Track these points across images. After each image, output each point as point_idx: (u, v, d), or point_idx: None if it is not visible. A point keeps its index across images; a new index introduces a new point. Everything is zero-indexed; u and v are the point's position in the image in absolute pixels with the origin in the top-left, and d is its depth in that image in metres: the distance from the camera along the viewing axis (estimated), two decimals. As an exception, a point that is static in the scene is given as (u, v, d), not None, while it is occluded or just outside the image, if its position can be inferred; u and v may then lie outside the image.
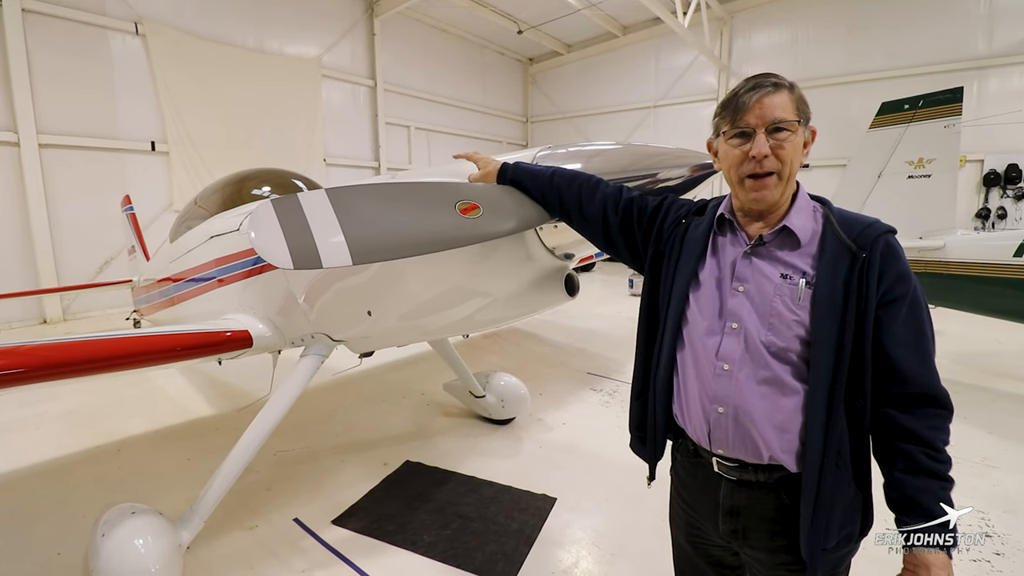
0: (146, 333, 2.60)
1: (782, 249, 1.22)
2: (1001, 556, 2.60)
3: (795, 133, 1.17)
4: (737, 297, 1.23)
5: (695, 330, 1.29)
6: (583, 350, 6.45)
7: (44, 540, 2.77)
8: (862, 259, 1.13)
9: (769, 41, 13.08)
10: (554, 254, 2.12)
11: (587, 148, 2.02)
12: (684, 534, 1.43)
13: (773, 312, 1.18)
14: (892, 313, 1.14)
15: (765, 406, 1.18)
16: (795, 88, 1.21)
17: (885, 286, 1.13)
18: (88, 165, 8.59)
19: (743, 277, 1.23)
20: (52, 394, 4.82)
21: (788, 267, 1.19)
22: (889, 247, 1.14)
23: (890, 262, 1.14)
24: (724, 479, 1.27)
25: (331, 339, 2.79)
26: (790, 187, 1.22)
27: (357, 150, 13.00)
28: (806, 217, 1.22)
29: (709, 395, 1.24)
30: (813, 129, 1.23)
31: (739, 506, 1.25)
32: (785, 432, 1.17)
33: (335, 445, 3.87)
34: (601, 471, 3.48)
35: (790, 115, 1.17)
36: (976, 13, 10.50)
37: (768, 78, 1.20)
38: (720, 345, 1.23)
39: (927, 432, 1.13)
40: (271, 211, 1.59)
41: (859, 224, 1.17)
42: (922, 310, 1.16)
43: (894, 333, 1.14)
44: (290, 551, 2.68)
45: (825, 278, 1.14)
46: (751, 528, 1.25)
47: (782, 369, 1.17)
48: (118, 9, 8.71)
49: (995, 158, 10.58)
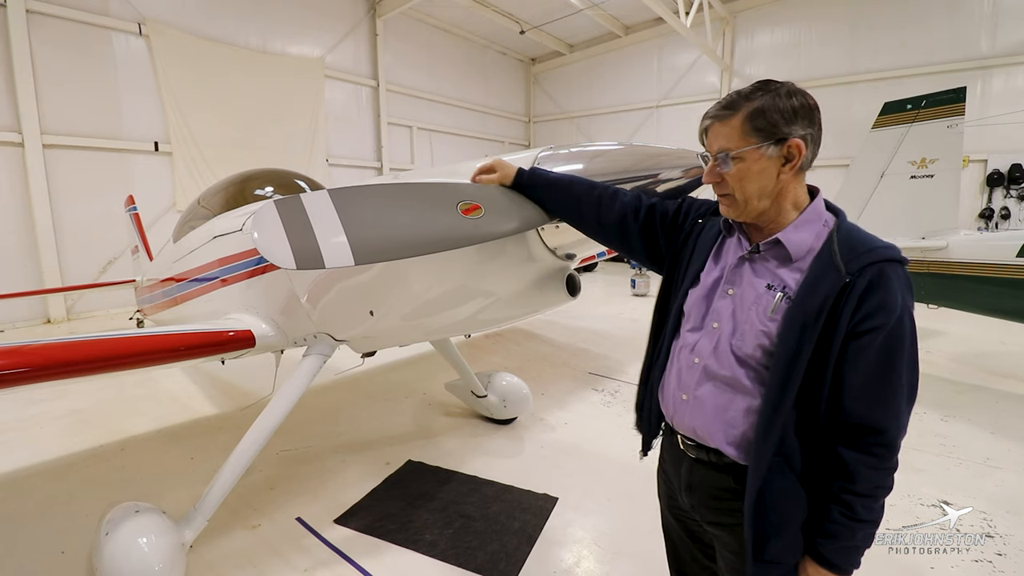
0: (149, 333, 2.60)
1: (775, 260, 1.23)
2: (1003, 556, 2.60)
3: (743, 160, 1.18)
4: (724, 299, 1.29)
5: (686, 324, 1.37)
6: (585, 350, 6.45)
7: (48, 538, 2.79)
8: (843, 283, 1.10)
9: (772, 41, 13.06)
10: (556, 254, 2.12)
11: (589, 148, 2.02)
12: (667, 506, 1.57)
13: (747, 319, 1.22)
14: (861, 344, 1.11)
15: (719, 401, 1.26)
16: (757, 105, 1.16)
17: (861, 315, 1.09)
18: (92, 165, 8.62)
19: (733, 281, 1.28)
20: (56, 393, 4.84)
21: (776, 278, 1.21)
22: (881, 276, 1.09)
23: (875, 292, 1.09)
24: (686, 455, 1.37)
25: (333, 339, 2.80)
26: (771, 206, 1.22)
27: (360, 150, 13.02)
28: (807, 232, 1.20)
29: (680, 383, 1.35)
30: (792, 143, 1.16)
31: (695, 482, 1.36)
32: (732, 427, 1.25)
33: (337, 444, 3.88)
34: (603, 471, 3.48)
35: (733, 143, 1.18)
36: (980, 13, 10.46)
37: (722, 106, 1.22)
38: (698, 341, 1.31)
39: (856, 466, 1.13)
40: (274, 212, 1.60)
41: (860, 247, 1.13)
42: (899, 347, 1.11)
43: (856, 363, 1.12)
44: (293, 550, 2.69)
45: (803, 296, 1.14)
46: (704, 504, 1.35)
47: (742, 372, 1.23)
48: (122, 10, 8.74)
49: (998, 158, 10.54)
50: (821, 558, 1.19)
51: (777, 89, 1.17)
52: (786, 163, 1.18)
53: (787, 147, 1.16)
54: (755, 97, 1.17)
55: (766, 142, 1.16)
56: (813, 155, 1.20)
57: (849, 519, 1.15)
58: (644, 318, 8.26)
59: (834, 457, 1.16)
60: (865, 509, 1.14)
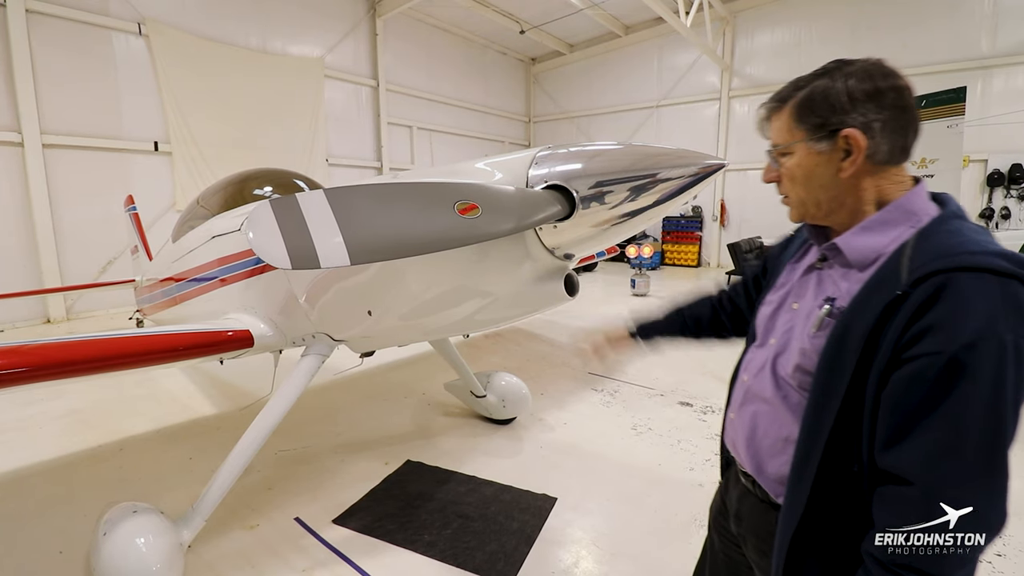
0: (148, 333, 2.60)
1: (840, 270, 1.05)
2: (1003, 557, 2.60)
3: (793, 155, 1.04)
4: (789, 313, 1.14)
5: (752, 341, 1.27)
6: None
7: (46, 538, 2.78)
8: (896, 296, 0.86)
9: (772, 41, 13.05)
10: (554, 254, 2.11)
11: (588, 148, 2.02)
12: (712, 519, 1.44)
13: (795, 336, 1.08)
14: (905, 375, 0.84)
15: (755, 426, 1.15)
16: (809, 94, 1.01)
17: (911, 335, 0.83)
18: (91, 165, 8.62)
19: (800, 293, 1.13)
20: (55, 393, 4.84)
21: (837, 290, 1.03)
22: (949, 287, 0.82)
23: (934, 307, 0.82)
24: (741, 482, 1.25)
25: (332, 339, 2.80)
26: (836, 208, 1.04)
27: (359, 150, 13.02)
28: (880, 235, 0.98)
29: (733, 401, 1.26)
30: (845, 135, 0.97)
31: (743, 513, 1.24)
32: (769, 457, 1.12)
33: (336, 444, 3.88)
34: (602, 471, 3.48)
35: (783, 136, 1.06)
36: (980, 13, 10.46)
37: (777, 94, 1.08)
38: (752, 357, 1.21)
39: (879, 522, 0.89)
40: (269, 211, 1.60)
41: (934, 253, 0.87)
42: (968, 387, 0.79)
43: (895, 395, 0.86)
44: (291, 550, 2.69)
45: (850, 310, 0.94)
46: (748, 539, 1.24)
47: (781, 396, 1.10)
48: (121, 10, 8.74)
49: (999, 158, 10.52)
50: None
51: (842, 70, 0.99)
52: (846, 158, 0.99)
53: (840, 139, 0.98)
54: (810, 83, 1.03)
55: (815, 135, 1.00)
56: (894, 145, 0.97)
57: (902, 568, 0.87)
58: (644, 318, 8.27)
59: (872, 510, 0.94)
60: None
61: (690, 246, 14.82)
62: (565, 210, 1.87)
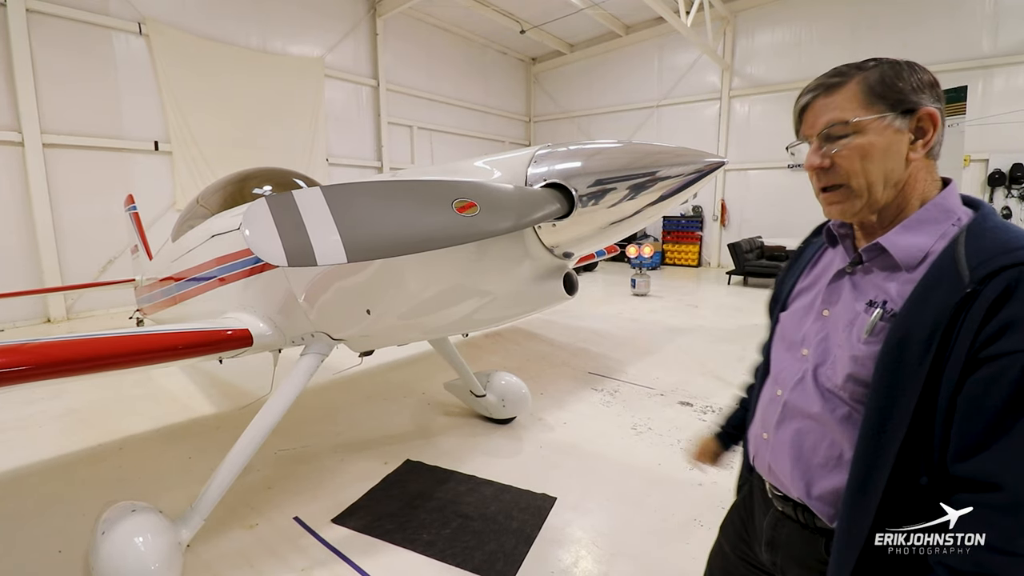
0: (148, 332, 2.60)
1: (881, 271, 0.99)
2: (1003, 557, 2.59)
3: (862, 132, 0.94)
4: (820, 321, 1.08)
5: (775, 353, 1.19)
6: (585, 350, 6.44)
7: (45, 538, 2.78)
8: (965, 294, 0.82)
9: (772, 40, 13.04)
10: (553, 253, 2.11)
11: (587, 147, 2.01)
12: (731, 545, 1.34)
13: (839, 343, 1.01)
14: (986, 376, 0.80)
15: (801, 444, 1.05)
16: (877, 71, 0.95)
17: (986, 335, 0.80)
18: (92, 165, 8.62)
19: (831, 300, 1.07)
20: (54, 392, 4.84)
21: (881, 293, 0.97)
22: (1017, 284, 0.79)
23: (1006, 305, 0.79)
24: (773, 506, 1.16)
25: (331, 338, 2.80)
26: (897, 195, 0.98)
27: (360, 150, 13.01)
28: (924, 234, 0.95)
29: (762, 419, 1.17)
30: (926, 112, 0.93)
31: (779, 540, 1.14)
32: (819, 479, 1.02)
33: (335, 444, 3.88)
34: (602, 471, 3.47)
35: (848, 113, 0.94)
36: (981, 12, 10.45)
37: (829, 75, 0.99)
38: (783, 370, 1.13)
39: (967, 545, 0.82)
40: (265, 208, 1.59)
41: (994, 249, 0.84)
42: None
43: (976, 397, 0.81)
44: (290, 549, 2.69)
45: (911, 312, 0.88)
46: (788, 568, 1.13)
47: (829, 409, 1.00)
48: (122, 9, 8.73)
49: (1000, 158, 10.51)
50: None
51: (894, 61, 0.97)
52: (916, 140, 0.95)
53: (918, 118, 0.93)
54: (870, 66, 0.96)
55: (892, 112, 0.93)
56: (940, 140, 0.96)
57: None
58: (644, 318, 8.28)
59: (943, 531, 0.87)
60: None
61: (690, 246, 14.81)
62: (564, 208, 1.86)
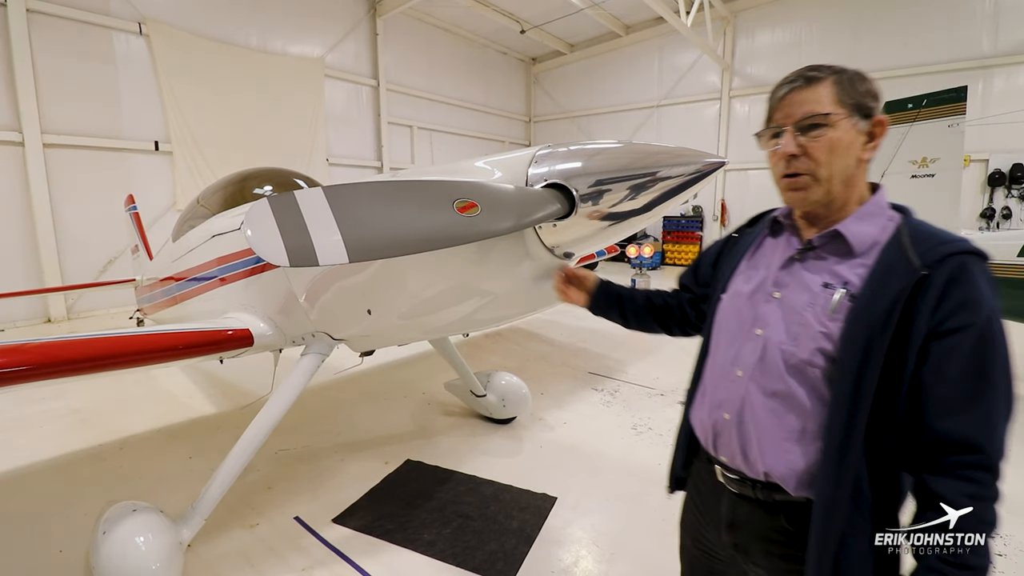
0: (148, 332, 2.60)
1: (833, 256, 1.11)
2: (1004, 557, 2.59)
3: (833, 127, 1.05)
4: (771, 303, 1.16)
5: (723, 334, 1.26)
6: (585, 350, 6.44)
7: (46, 537, 2.79)
8: (920, 277, 0.96)
9: (773, 40, 13.04)
10: (554, 253, 2.11)
11: (588, 146, 2.01)
12: (692, 538, 1.40)
13: (801, 321, 1.09)
14: (946, 346, 0.95)
15: (770, 420, 1.11)
16: (846, 76, 1.07)
17: (943, 313, 0.95)
18: (92, 165, 8.62)
19: (782, 283, 1.16)
20: (55, 392, 4.84)
21: (834, 276, 1.08)
22: (961, 269, 0.96)
23: (956, 285, 0.95)
24: (727, 490, 1.22)
25: (332, 338, 2.80)
26: (844, 189, 1.10)
27: (360, 150, 13.02)
28: (872, 225, 1.09)
29: (719, 400, 1.22)
30: (879, 119, 1.08)
31: (739, 521, 1.21)
32: (787, 451, 1.10)
33: (336, 444, 3.88)
34: (602, 471, 3.47)
35: (824, 107, 1.05)
36: (981, 12, 10.44)
37: (806, 71, 1.10)
38: (740, 350, 1.19)
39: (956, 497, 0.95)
40: (267, 209, 1.59)
41: (934, 239, 1.01)
42: (991, 349, 0.95)
43: (940, 369, 0.96)
44: (291, 549, 2.69)
45: (871, 291, 1.01)
46: (751, 545, 1.20)
47: (796, 384, 1.09)
48: (122, 9, 8.73)
49: (1000, 157, 10.51)
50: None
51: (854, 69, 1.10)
52: (868, 143, 1.09)
53: (873, 123, 1.08)
54: (838, 69, 1.08)
55: (856, 114, 1.06)
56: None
57: (956, 567, 0.94)
58: (644, 318, 8.27)
59: (923, 490, 0.99)
60: (976, 554, 0.94)
61: (691, 246, 14.80)
62: (565, 208, 1.86)
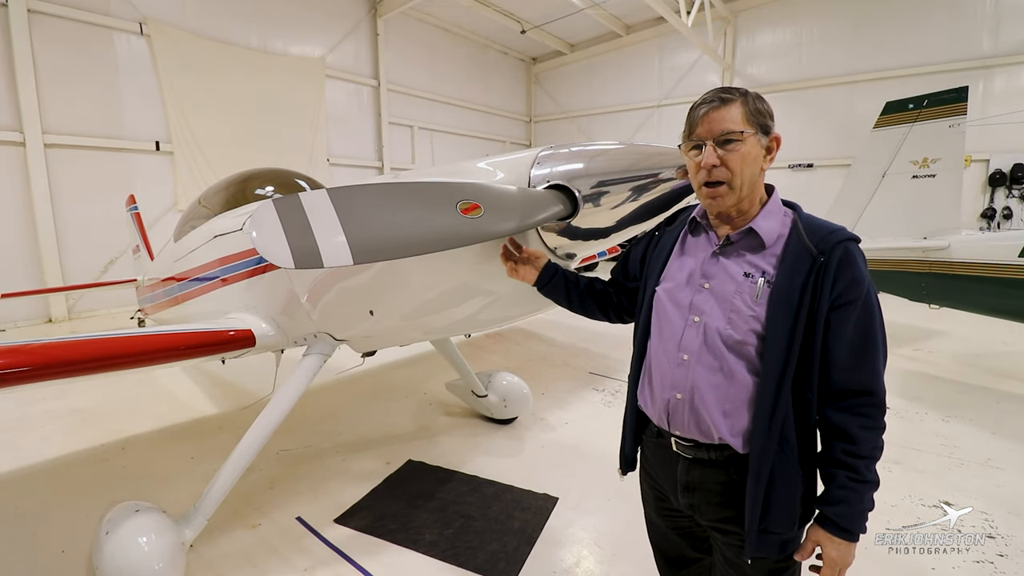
0: (150, 332, 2.61)
1: (748, 250, 1.33)
2: (1004, 557, 2.60)
3: (744, 143, 1.25)
4: (703, 293, 1.35)
5: (664, 323, 1.42)
6: (586, 350, 6.45)
7: (49, 537, 2.79)
8: (820, 263, 1.22)
9: (773, 40, 13.02)
10: (555, 254, 2.11)
11: (590, 148, 2.01)
12: (654, 508, 1.59)
13: (732, 307, 1.29)
14: (842, 316, 1.23)
15: (716, 393, 1.31)
16: (750, 99, 1.28)
17: (839, 290, 1.22)
18: (93, 165, 8.63)
19: (709, 274, 1.36)
20: (57, 392, 4.85)
21: (752, 266, 1.30)
22: (847, 253, 1.23)
23: (845, 267, 1.22)
24: (681, 457, 1.41)
25: (334, 338, 2.80)
26: (750, 193, 1.32)
27: (360, 150, 13.02)
28: (774, 221, 1.32)
29: (670, 382, 1.38)
30: (775, 136, 1.31)
31: (694, 481, 1.39)
32: (733, 417, 1.30)
33: (337, 444, 3.89)
34: (603, 471, 3.47)
35: (737, 126, 1.25)
36: (982, 12, 10.44)
37: (720, 93, 1.29)
38: (682, 337, 1.36)
39: (854, 429, 1.23)
40: (272, 211, 1.59)
41: (823, 230, 1.27)
42: (873, 315, 1.24)
43: (841, 334, 1.23)
44: (292, 549, 2.70)
45: (784, 278, 1.24)
46: (704, 501, 1.38)
47: (735, 360, 1.29)
48: (123, 9, 8.74)
49: (1001, 158, 10.52)
50: (834, 525, 1.24)
51: (755, 92, 1.30)
52: (767, 155, 1.31)
53: (771, 139, 1.30)
54: (745, 91, 1.29)
55: (760, 132, 1.28)
56: None
57: (856, 482, 1.22)
58: (645, 318, 8.28)
59: (831, 426, 1.27)
60: (868, 471, 1.23)
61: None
62: (567, 210, 1.87)
